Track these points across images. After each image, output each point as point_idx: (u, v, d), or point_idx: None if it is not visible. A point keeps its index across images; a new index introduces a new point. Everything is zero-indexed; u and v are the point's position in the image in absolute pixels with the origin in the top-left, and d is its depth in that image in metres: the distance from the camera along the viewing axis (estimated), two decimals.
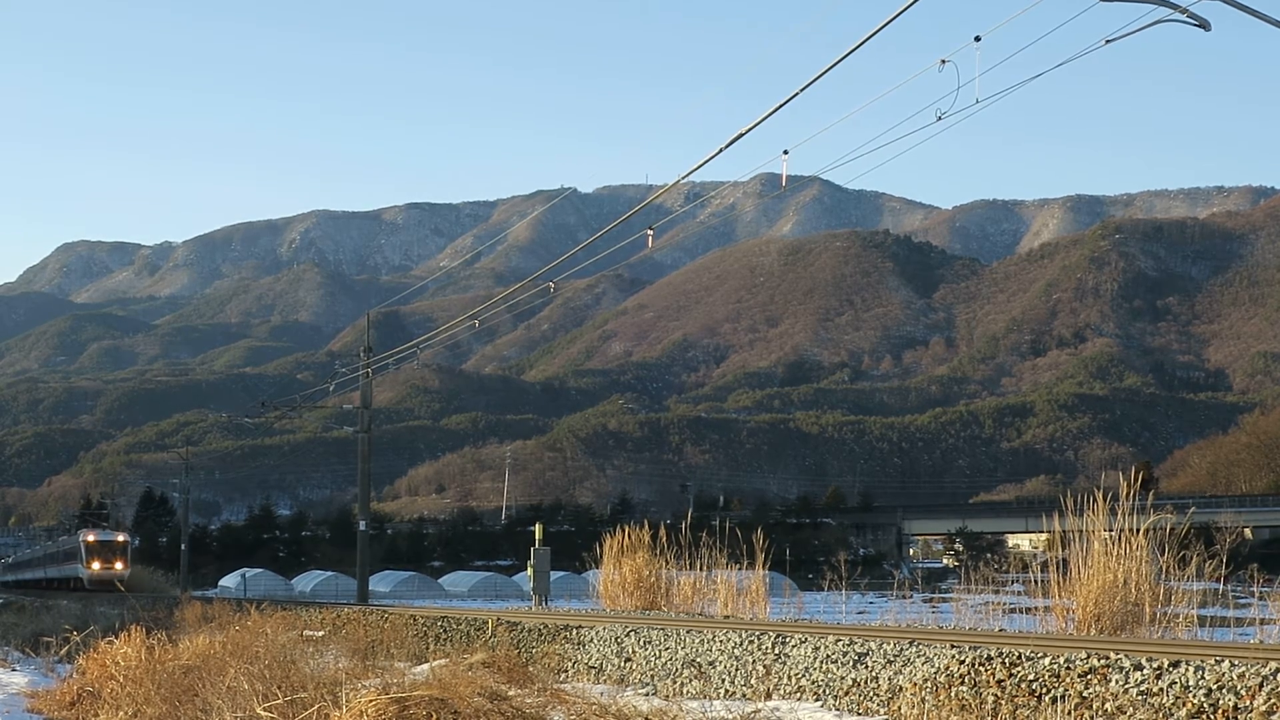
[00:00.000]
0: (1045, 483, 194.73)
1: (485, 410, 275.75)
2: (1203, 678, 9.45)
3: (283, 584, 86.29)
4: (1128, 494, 18.63)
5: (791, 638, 13.81)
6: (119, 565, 73.67)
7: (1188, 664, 9.68)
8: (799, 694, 12.94)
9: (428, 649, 20.47)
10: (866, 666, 12.44)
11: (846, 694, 12.39)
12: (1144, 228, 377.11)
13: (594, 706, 12.09)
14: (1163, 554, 20.45)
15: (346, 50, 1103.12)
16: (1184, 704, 9.35)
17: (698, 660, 14.72)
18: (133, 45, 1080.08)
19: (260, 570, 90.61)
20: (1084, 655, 10.46)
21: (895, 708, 11.69)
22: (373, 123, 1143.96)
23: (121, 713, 14.69)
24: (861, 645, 12.76)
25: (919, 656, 11.91)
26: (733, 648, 14.42)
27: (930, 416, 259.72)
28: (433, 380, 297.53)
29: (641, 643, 16.03)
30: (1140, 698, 9.67)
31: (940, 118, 17.02)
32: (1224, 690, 9.22)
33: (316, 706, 11.48)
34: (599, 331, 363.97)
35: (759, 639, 14.16)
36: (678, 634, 15.58)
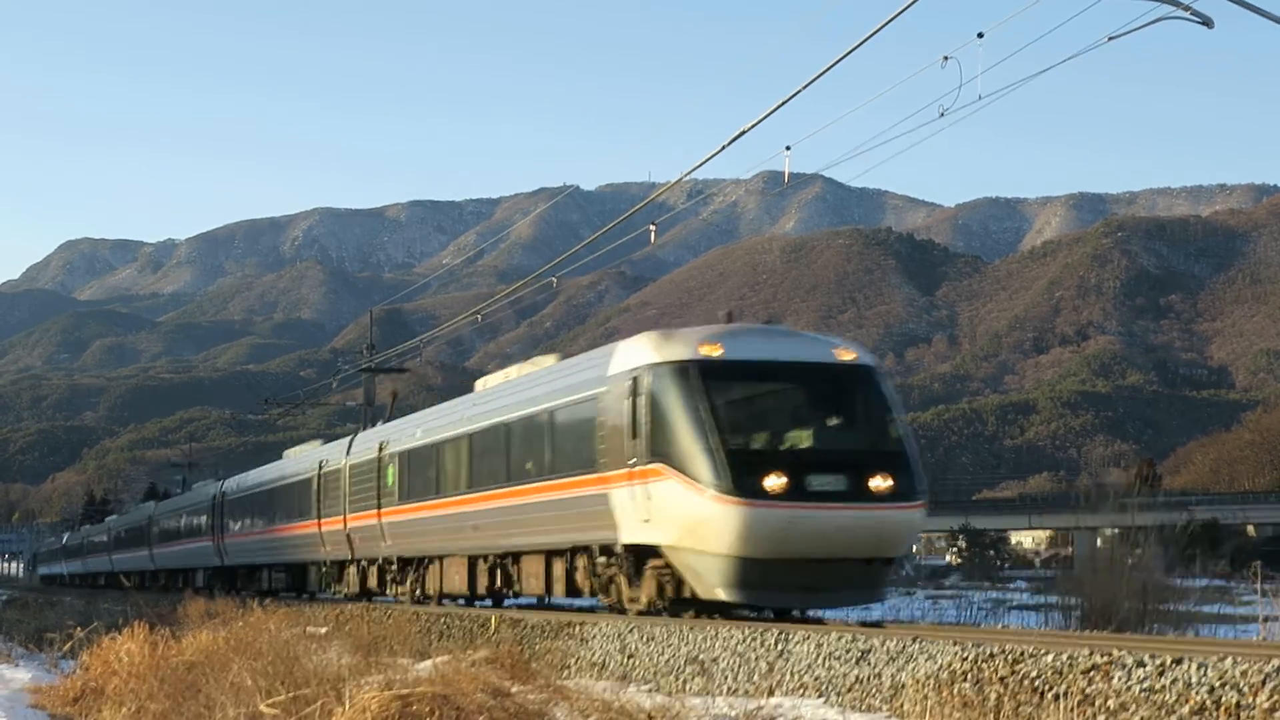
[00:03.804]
0: (1048, 480, 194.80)
1: None
2: (1205, 674, 9.44)
3: None
4: (1130, 491, 18.64)
5: (794, 635, 13.81)
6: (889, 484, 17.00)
7: (1190, 660, 9.67)
8: (802, 691, 12.95)
9: (431, 645, 20.47)
10: (869, 663, 12.45)
11: (849, 691, 12.40)
12: (1147, 225, 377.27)
13: (597, 703, 12.10)
14: (1166, 551, 20.44)
15: (349, 48, 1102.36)
16: (1186, 701, 9.35)
17: (701, 657, 14.73)
18: (136, 43, 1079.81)
19: None
20: (1087, 652, 10.46)
21: (898, 705, 11.70)
22: (376, 120, 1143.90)
23: (125, 709, 14.69)
24: (864, 642, 12.76)
25: (922, 653, 11.91)
26: (736, 645, 14.43)
27: (933, 414, 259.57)
28: (435, 378, 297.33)
29: (644, 640, 16.03)
30: (1143, 695, 9.67)
31: (943, 114, 17.03)
32: (1227, 687, 9.22)
33: (320, 703, 11.49)
34: (602, 329, 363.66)
35: (762, 636, 14.17)
36: (681, 631, 15.59)
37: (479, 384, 25.92)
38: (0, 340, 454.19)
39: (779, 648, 13.70)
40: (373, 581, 29.74)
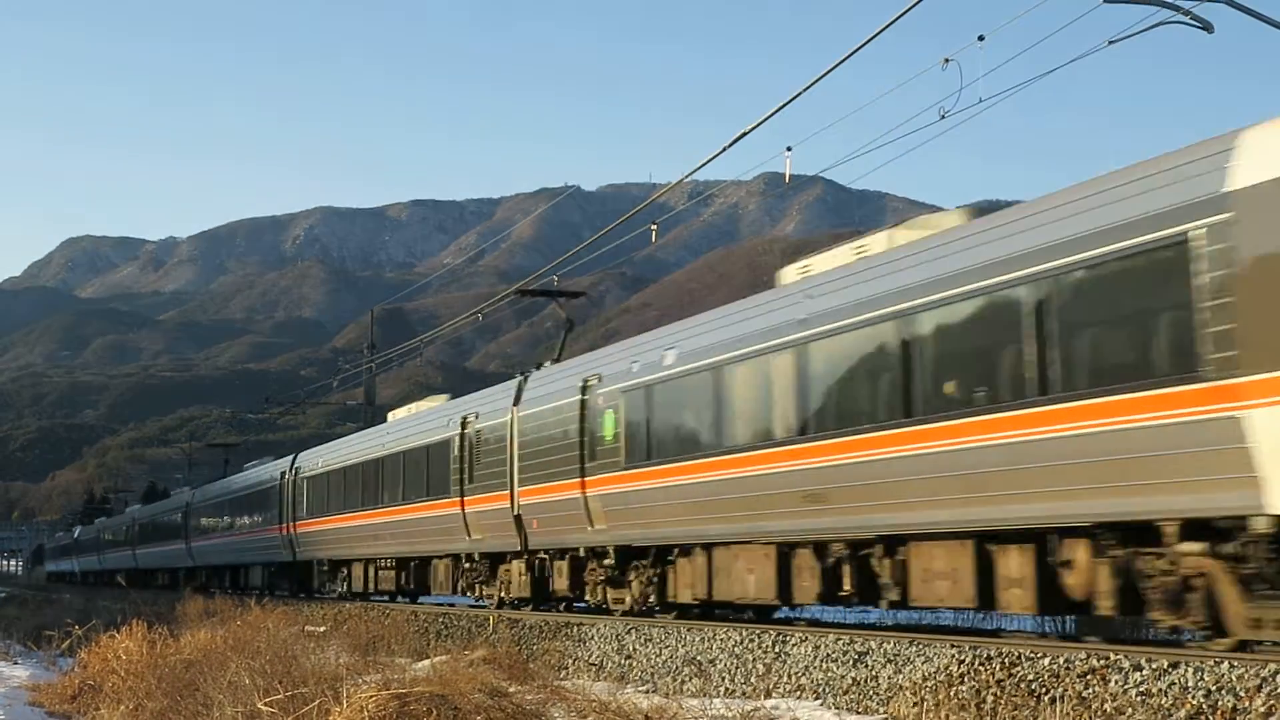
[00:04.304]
0: None
1: None
2: (1202, 679, 9.46)
3: None
4: None
5: (792, 636, 13.82)
6: None
7: (1187, 665, 9.69)
8: (799, 692, 12.96)
9: (429, 645, 20.49)
10: (866, 665, 12.46)
11: (846, 693, 12.41)
12: None
13: (594, 703, 12.11)
14: None
15: (352, 48, 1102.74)
16: (1183, 705, 9.36)
17: (698, 658, 14.74)
18: (139, 43, 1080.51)
19: None
20: (1084, 656, 10.47)
21: (895, 707, 11.71)
22: (378, 120, 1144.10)
23: (123, 707, 14.71)
24: (861, 644, 12.77)
25: (919, 656, 11.93)
26: (733, 646, 14.44)
27: None
28: (436, 377, 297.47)
29: (642, 640, 16.05)
30: (1139, 698, 9.68)
31: (944, 116, 17.03)
32: (1223, 691, 9.23)
33: (317, 702, 11.49)
34: (602, 329, 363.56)
35: (759, 637, 14.19)
36: (678, 632, 15.60)
37: (784, 274, 16.96)
38: (1, 337, 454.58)
39: (776, 649, 13.72)
40: (560, 583, 21.36)
